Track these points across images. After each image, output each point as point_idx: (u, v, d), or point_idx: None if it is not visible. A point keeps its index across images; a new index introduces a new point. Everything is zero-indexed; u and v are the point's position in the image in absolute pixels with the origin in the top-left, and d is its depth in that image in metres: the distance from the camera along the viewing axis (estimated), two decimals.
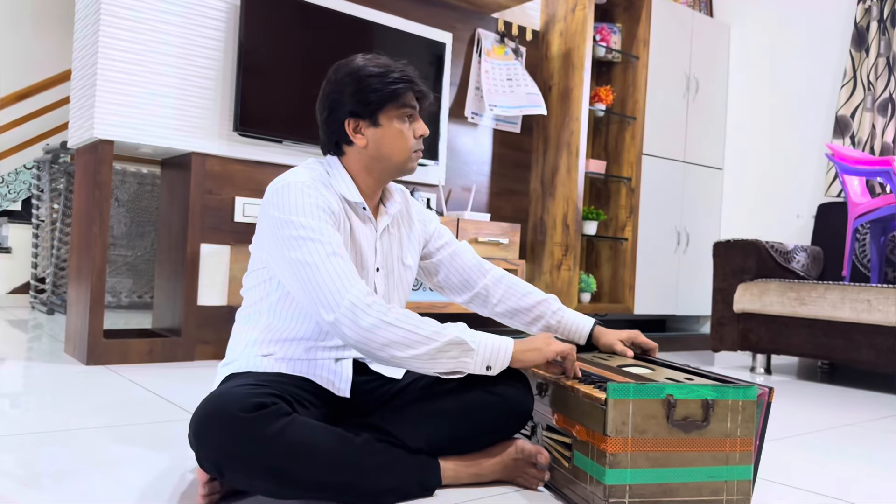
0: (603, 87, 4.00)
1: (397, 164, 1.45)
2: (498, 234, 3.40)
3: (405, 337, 1.26)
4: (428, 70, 3.39)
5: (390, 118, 1.43)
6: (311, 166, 1.45)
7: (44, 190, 4.39)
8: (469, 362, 1.29)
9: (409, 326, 1.26)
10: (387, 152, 1.43)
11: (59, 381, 2.28)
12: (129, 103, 2.62)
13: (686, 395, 1.20)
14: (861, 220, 3.21)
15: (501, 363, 1.31)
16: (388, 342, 1.25)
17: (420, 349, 1.26)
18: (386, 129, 1.43)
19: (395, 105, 1.42)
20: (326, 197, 1.37)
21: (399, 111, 1.43)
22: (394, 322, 1.25)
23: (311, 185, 1.36)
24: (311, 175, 1.40)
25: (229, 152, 2.86)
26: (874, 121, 3.77)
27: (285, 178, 1.38)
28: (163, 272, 3.00)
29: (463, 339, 1.28)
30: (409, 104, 1.44)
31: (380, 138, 1.43)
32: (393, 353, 1.26)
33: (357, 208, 1.45)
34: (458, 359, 1.28)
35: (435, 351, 1.26)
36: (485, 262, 1.68)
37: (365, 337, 1.25)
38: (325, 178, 1.43)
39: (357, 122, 1.43)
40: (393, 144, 1.43)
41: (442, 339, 1.27)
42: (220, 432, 1.12)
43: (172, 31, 2.71)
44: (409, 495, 1.28)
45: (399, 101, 1.42)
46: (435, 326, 1.29)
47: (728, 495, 1.22)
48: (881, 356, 2.80)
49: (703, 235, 4.36)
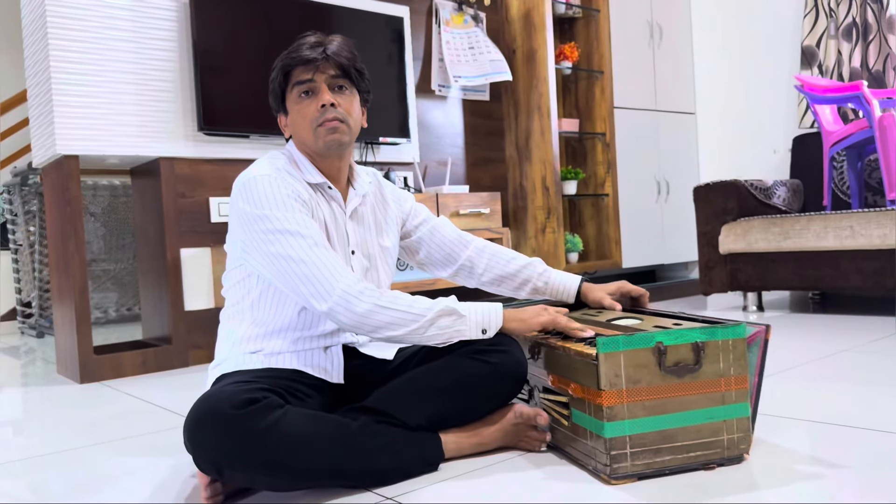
0: (567, 45, 3.97)
1: (309, 140, 1.41)
2: (479, 204, 3.39)
3: (399, 317, 1.29)
4: (390, 47, 3.34)
5: (292, 102, 1.42)
6: (274, 157, 1.43)
7: (17, 213, 4.33)
8: (464, 329, 1.33)
9: (401, 307, 1.29)
10: (299, 134, 1.43)
11: (56, 402, 2.26)
12: (89, 115, 2.57)
13: (675, 340, 1.20)
14: (836, 147, 3.22)
15: (495, 325, 1.35)
16: (384, 324, 1.28)
17: (414, 325, 1.29)
18: (292, 113, 1.43)
19: (290, 87, 1.41)
20: (294, 186, 1.36)
21: (294, 91, 1.41)
22: (387, 304, 1.28)
23: (277, 177, 1.35)
24: (275, 165, 1.39)
25: (197, 153, 2.82)
26: (839, 47, 3.77)
27: (250, 171, 1.37)
28: (147, 282, 2.98)
29: (454, 308, 1.32)
30: (300, 79, 1.39)
31: (292, 125, 1.44)
32: (390, 334, 1.30)
33: (322, 188, 1.44)
34: (452, 327, 1.32)
35: (428, 323, 1.30)
36: (465, 234, 1.67)
37: (360, 322, 1.28)
38: (288, 166, 1.41)
39: (278, 116, 1.48)
40: (299, 125, 1.42)
41: (433, 312, 1.30)
42: (214, 432, 1.11)
43: (123, 36, 2.66)
44: (413, 472, 1.28)
45: (290, 82, 1.41)
46: (426, 303, 1.31)
47: (728, 434, 1.22)
48: (868, 280, 2.83)
49: (683, 182, 4.37)
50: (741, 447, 1.23)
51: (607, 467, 1.18)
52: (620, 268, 4.01)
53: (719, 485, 1.15)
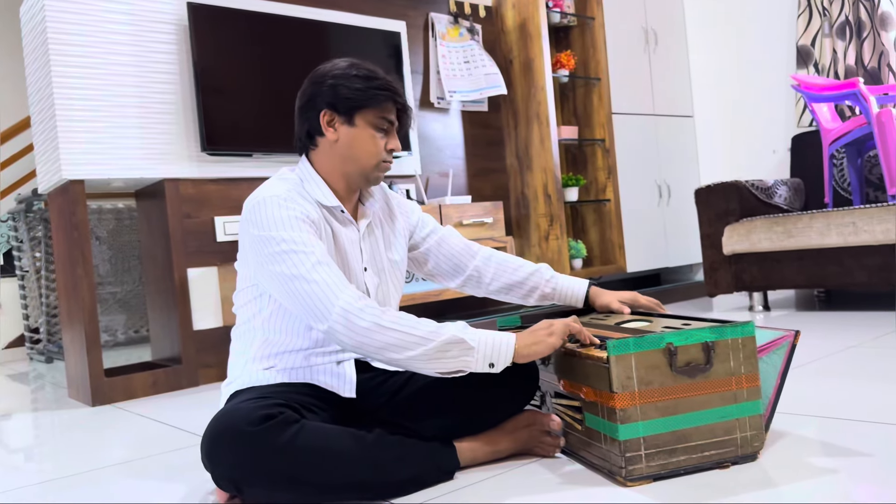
0: (563, 53, 4.00)
1: (363, 168, 1.42)
2: (481, 214, 3.41)
3: (401, 339, 1.23)
4: (387, 62, 3.37)
5: (366, 121, 1.41)
6: (284, 177, 1.43)
7: (23, 240, 4.36)
8: (470, 361, 1.25)
9: (404, 328, 1.23)
10: (356, 154, 1.41)
11: (69, 425, 2.27)
12: (93, 140, 2.60)
13: (685, 340, 1.21)
14: (835, 145, 3.23)
15: (504, 360, 1.26)
16: (385, 345, 1.23)
17: (417, 350, 1.23)
18: (360, 131, 1.41)
19: (373, 110, 1.40)
20: (304, 206, 1.36)
21: (376, 118, 1.41)
22: (389, 325, 1.23)
23: (286, 198, 1.35)
24: (286, 186, 1.38)
25: (201, 173, 2.84)
26: (834, 45, 3.79)
27: (260, 192, 1.37)
28: (154, 303, 2.99)
29: (462, 338, 1.24)
30: (388, 116, 1.42)
31: (352, 138, 1.41)
32: (391, 356, 1.24)
33: (335, 212, 1.44)
34: (458, 358, 1.24)
35: (433, 351, 1.23)
36: (472, 243, 1.68)
37: (360, 342, 1.24)
38: (299, 186, 1.41)
39: (332, 116, 1.41)
40: (363, 148, 1.41)
41: (439, 339, 1.23)
42: (232, 449, 1.12)
43: (125, 60, 2.68)
44: (429, 482, 1.28)
45: (379, 108, 1.41)
46: (431, 326, 1.25)
47: (741, 432, 1.23)
48: (873, 276, 2.83)
49: (684, 185, 4.38)
50: (755, 445, 1.24)
51: (622, 469, 1.18)
52: (625, 272, 4.01)
53: (735, 483, 1.15)
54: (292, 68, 2.99)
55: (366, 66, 1.42)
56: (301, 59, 3.02)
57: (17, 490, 1.59)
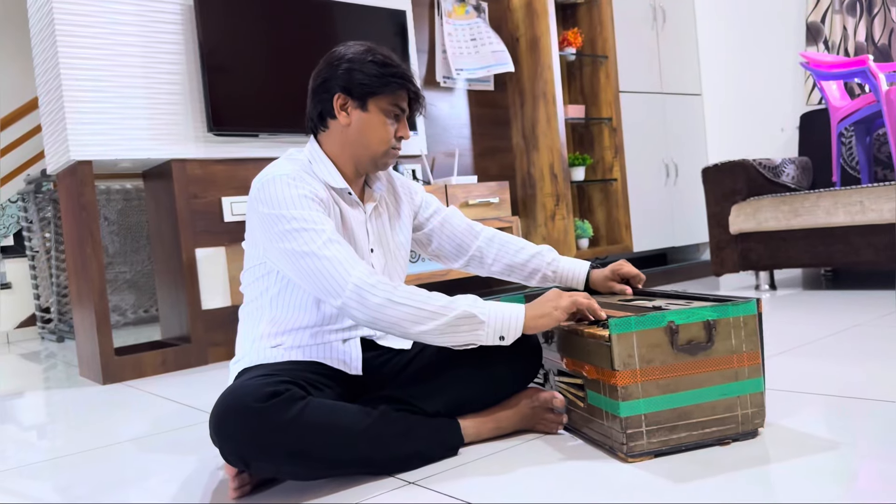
0: (570, 31, 3.97)
1: (373, 154, 1.43)
2: (487, 194, 3.41)
3: (414, 314, 1.25)
4: (393, 41, 3.36)
5: (379, 107, 1.42)
6: (293, 157, 1.45)
7: (32, 221, 4.39)
8: (481, 334, 1.28)
9: (417, 303, 1.26)
10: (366, 139, 1.42)
11: (81, 403, 2.31)
12: (101, 121, 2.61)
13: (687, 319, 1.22)
14: (844, 123, 3.21)
15: (514, 333, 1.29)
16: (398, 320, 1.26)
17: (430, 324, 1.25)
18: (372, 116, 1.42)
19: (387, 97, 1.41)
20: (312, 185, 1.37)
21: (389, 105, 1.42)
22: (401, 300, 1.25)
23: (295, 177, 1.36)
24: (294, 166, 1.40)
25: (208, 154, 2.85)
26: (844, 22, 3.75)
27: (269, 171, 1.38)
28: (163, 283, 3.02)
29: (473, 313, 1.27)
30: (401, 104, 1.43)
31: (364, 123, 1.42)
32: (404, 330, 1.27)
33: (343, 194, 1.45)
34: (469, 332, 1.27)
35: (445, 325, 1.26)
36: (475, 223, 1.69)
37: (374, 316, 1.26)
38: (307, 167, 1.43)
39: (346, 100, 1.41)
40: (374, 133, 1.42)
41: (451, 314, 1.26)
42: (240, 426, 1.14)
43: (131, 41, 2.69)
44: (434, 458, 1.31)
45: (392, 95, 1.41)
46: (443, 300, 1.28)
47: (742, 409, 1.24)
48: (880, 255, 2.83)
49: (691, 164, 4.36)
50: (756, 422, 1.25)
51: (624, 446, 1.20)
52: (631, 252, 4.01)
53: (735, 459, 1.17)
54: (299, 48, 2.99)
55: (382, 52, 1.43)
56: (307, 39, 3.01)
57: (30, 466, 1.62)
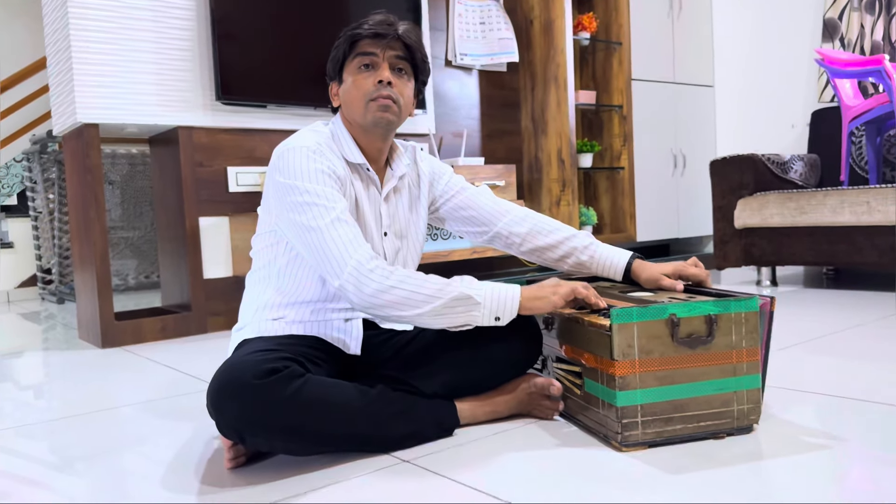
0: (585, 15, 3.93)
1: (359, 113, 1.40)
2: (494, 176, 3.39)
3: (408, 298, 1.26)
4: (406, 17, 3.32)
5: (350, 71, 1.42)
6: (317, 129, 1.44)
7: (37, 181, 4.38)
8: (477, 315, 1.29)
9: (411, 287, 1.26)
10: (350, 99, 1.41)
11: (79, 366, 2.32)
12: (109, 84, 2.59)
13: (689, 312, 1.22)
14: (855, 122, 3.18)
15: (510, 313, 1.30)
16: (392, 304, 1.26)
17: (425, 308, 1.26)
18: (346, 84, 1.42)
19: (352, 56, 1.41)
20: (332, 161, 1.37)
21: (355, 62, 1.40)
22: (396, 284, 1.26)
23: (315, 150, 1.36)
24: (317, 139, 1.39)
25: (215, 122, 2.84)
26: (862, 20, 3.71)
27: (291, 141, 1.38)
28: (165, 250, 3.02)
29: (468, 294, 1.27)
30: (364, 51, 1.39)
31: (344, 94, 1.43)
32: (400, 314, 1.28)
33: (360, 169, 1.45)
34: (465, 313, 1.28)
35: (441, 307, 1.26)
36: (504, 203, 1.63)
37: (369, 302, 1.27)
38: (329, 140, 1.42)
39: (332, 85, 1.47)
40: (349, 98, 1.41)
41: (446, 296, 1.26)
42: (237, 401, 1.14)
43: (143, 4, 2.66)
44: (428, 438, 1.31)
45: (354, 51, 1.40)
46: (439, 283, 1.28)
47: (738, 405, 1.25)
48: (884, 256, 2.82)
49: (700, 155, 4.34)
50: (751, 418, 1.25)
51: (618, 435, 1.20)
52: (635, 241, 4.01)
53: (729, 454, 1.17)
54: (310, 19, 2.96)
55: (356, 23, 1.41)
56: (319, 11, 2.98)
57: (25, 426, 1.63)
